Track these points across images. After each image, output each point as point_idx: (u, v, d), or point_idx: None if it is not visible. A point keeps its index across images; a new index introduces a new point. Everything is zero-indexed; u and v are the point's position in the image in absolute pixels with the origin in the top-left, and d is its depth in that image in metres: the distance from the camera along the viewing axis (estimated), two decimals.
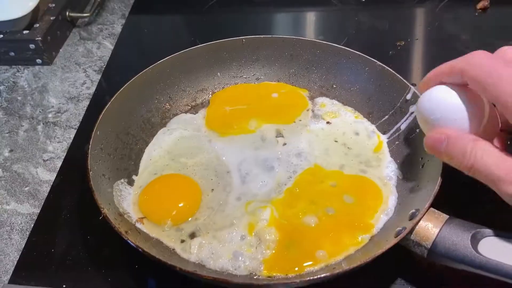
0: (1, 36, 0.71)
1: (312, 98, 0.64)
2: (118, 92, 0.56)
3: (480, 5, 0.81)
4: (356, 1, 0.88)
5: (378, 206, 0.49)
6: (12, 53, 0.72)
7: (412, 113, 0.55)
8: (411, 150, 0.53)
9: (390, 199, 0.50)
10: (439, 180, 0.44)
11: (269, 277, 0.44)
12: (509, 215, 0.45)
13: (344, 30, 0.80)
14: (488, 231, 0.40)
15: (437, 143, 0.41)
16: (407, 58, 0.74)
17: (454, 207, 0.48)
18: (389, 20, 0.81)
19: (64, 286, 0.44)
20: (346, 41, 0.76)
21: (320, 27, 0.84)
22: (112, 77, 0.71)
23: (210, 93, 0.65)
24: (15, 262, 0.47)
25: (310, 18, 0.88)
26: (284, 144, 0.57)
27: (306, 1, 0.89)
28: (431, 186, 0.45)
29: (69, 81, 0.71)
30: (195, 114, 0.63)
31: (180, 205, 0.50)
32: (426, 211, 0.42)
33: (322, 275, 0.40)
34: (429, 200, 0.43)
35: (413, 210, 0.44)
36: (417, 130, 0.53)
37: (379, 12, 0.84)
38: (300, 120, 0.60)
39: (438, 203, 0.43)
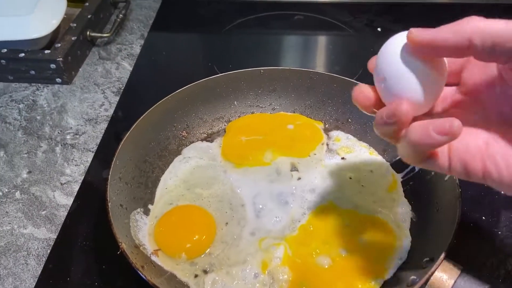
0: (23, 54, 0.72)
1: (327, 131, 0.65)
2: (138, 120, 0.57)
3: None
4: (372, 30, 0.89)
5: (392, 249, 0.49)
6: (32, 72, 0.74)
7: None
8: (426, 192, 0.54)
9: (404, 242, 0.50)
10: (455, 227, 0.45)
11: None
12: None
13: (359, 60, 0.81)
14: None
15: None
16: None
17: (468, 257, 0.48)
18: None
19: None
20: (361, 72, 0.77)
21: (336, 56, 0.85)
22: (130, 100, 0.72)
23: (227, 121, 0.66)
24: None
25: (326, 44, 0.89)
26: (299, 178, 0.58)
27: (322, 26, 0.91)
28: (447, 234, 0.45)
29: (88, 102, 0.72)
30: (211, 142, 0.63)
31: (195, 238, 0.50)
32: (441, 262, 0.42)
33: None
34: (444, 250, 0.43)
35: (427, 258, 0.45)
36: (432, 173, 0.54)
37: None
38: (315, 154, 0.61)
39: (451, 250, 0.44)
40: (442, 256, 0.43)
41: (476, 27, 0.30)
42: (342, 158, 0.60)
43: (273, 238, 0.51)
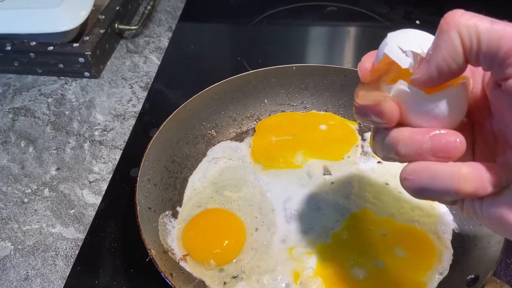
0: (51, 48, 0.72)
1: (361, 132, 0.62)
2: (167, 120, 0.55)
3: None
4: (410, 23, 0.84)
5: (432, 263, 0.46)
6: (61, 65, 0.73)
7: None
8: None
9: (445, 256, 0.47)
10: (502, 244, 0.42)
11: None
12: None
13: None
14: None
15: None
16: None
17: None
18: None
19: None
20: None
21: (370, 50, 0.80)
22: (158, 96, 0.71)
23: (256, 120, 0.64)
24: None
25: (361, 38, 0.85)
26: (332, 182, 0.55)
27: (356, 18, 0.86)
28: (493, 249, 0.42)
29: (116, 97, 0.71)
30: (240, 142, 0.61)
31: (225, 244, 0.49)
32: (488, 281, 0.39)
33: None
34: (492, 268, 0.40)
35: (472, 276, 0.42)
36: None
37: None
38: (349, 157, 0.58)
39: (498, 269, 0.41)
40: (490, 274, 0.40)
41: (466, 28, 0.27)
42: (378, 162, 0.57)
43: (304, 246, 0.49)
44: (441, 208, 0.52)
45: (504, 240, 0.42)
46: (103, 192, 0.57)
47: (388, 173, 0.56)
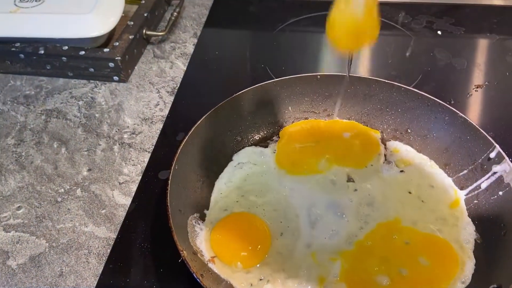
0: (83, 52, 0.74)
1: (384, 141, 0.63)
2: (195, 125, 0.57)
3: None
4: (432, 33, 0.85)
5: (455, 272, 0.47)
6: (91, 69, 0.76)
7: (495, 172, 0.52)
8: (491, 213, 0.51)
9: (468, 265, 0.48)
10: None
11: None
12: None
13: (418, 65, 0.78)
14: None
15: None
16: (485, 103, 0.71)
17: None
18: (467, 59, 0.78)
19: None
20: (420, 78, 0.74)
21: (393, 60, 0.81)
22: (184, 101, 0.73)
23: (281, 126, 0.66)
24: None
25: (383, 47, 0.86)
26: (355, 190, 0.57)
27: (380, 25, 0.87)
28: None
29: (143, 101, 0.73)
30: (265, 148, 0.63)
31: (251, 248, 0.50)
32: None
33: None
34: None
35: (495, 286, 0.43)
36: (500, 193, 0.51)
37: (456, 49, 0.80)
38: (372, 165, 0.59)
39: None
40: None
41: None
42: (401, 171, 0.58)
43: (329, 252, 0.50)
44: (464, 218, 0.53)
45: None
46: (133, 194, 0.59)
47: (411, 182, 0.57)
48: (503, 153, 0.52)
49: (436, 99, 0.59)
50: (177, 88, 0.75)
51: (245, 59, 0.84)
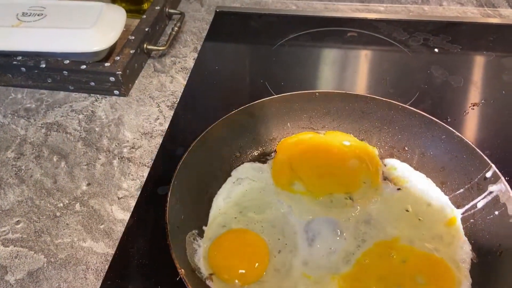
0: (84, 66, 0.75)
1: (381, 158, 0.64)
2: (195, 141, 0.57)
3: None
4: (428, 50, 0.86)
5: None
6: (92, 83, 0.76)
7: (491, 192, 0.53)
8: (487, 233, 0.52)
9: (464, 285, 0.48)
10: None
11: None
12: None
13: (415, 83, 0.79)
14: None
15: None
16: (482, 121, 0.72)
17: None
18: (463, 77, 0.79)
19: None
20: (417, 96, 0.75)
21: (391, 77, 0.82)
22: (184, 115, 0.73)
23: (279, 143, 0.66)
24: None
25: (381, 63, 0.87)
26: (353, 207, 0.57)
27: (376, 44, 0.89)
28: (511, 280, 0.43)
29: (143, 115, 0.73)
30: (264, 163, 0.63)
31: (249, 265, 0.51)
32: None
33: None
34: None
35: None
36: (496, 212, 0.52)
37: (453, 67, 0.82)
38: (370, 183, 0.60)
39: None
40: None
41: None
42: (398, 189, 0.59)
43: (326, 270, 0.50)
44: (461, 237, 0.53)
45: None
46: (132, 209, 0.59)
47: (408, 200, 0.57)
48: (499, 173, 0.52)
49: (432, 117, 0.60)
50: (177, 102, 0.76)
51: (244, 74, 0.85)
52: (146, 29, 0.83)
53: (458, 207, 0.56)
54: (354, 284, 0.49)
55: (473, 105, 0.73)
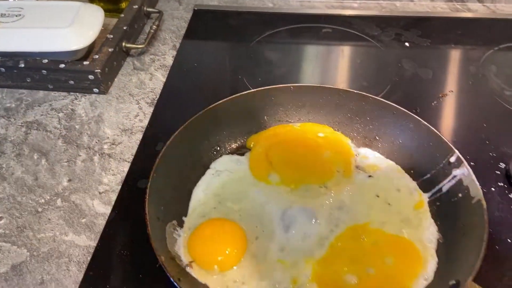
0: (63, 65, 0.76)
1: (354, 147, 0.66)
2: (173, 135, 0.59)
3: None
4: (400, 45, 0.89)
5: (418, 270, 0.50)
6: (71, 82, 0.77)
7: (455, 176, 0.56)
8: (452, 214, 0.55)
9: (430, 264, 0.51)
10: (482, 253, 0.46)
11: None
12: None
13: (387, 76, 0.82)
14: None
15: None
16: (449, 111, 0.75)
17: (491, 279, 0.49)
18: (432, 69, 0.82)
19: None
20: (389, 88, 0.78)
21: (364, 71, 0.85)
22: (163, 111, 0.75)
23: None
24: None
25: (354, 58, 0.90)
26: (327, 195, 0.59)
27: (350, 40, 0.92)
28: (473, 257, 0.46)
29: (123, 112, 0.75)
30: (241, 156, 0.66)
31: (227, 251, 0.53)
32: (467, 286, 0.44)
33: None
34: (471, 275, 0.44)
35: (454, 282, 0.46)
36: (460, 195, 0.55)
37: (423, 60, 0.85)
38: (343, 171, 0.62)
39: (477, 274, 0.45)
40: (469, 280, 0.44)
41: None
42: (370, 176, 0.62)
43: (301, 254, 0.53)
44: (428, 219, 0.56)
45: (484, 249, 0.46)
46: (113, 202, 0.61)
47: (378, 186, 0.60)
48: (462, 158, 0.55)
49: (401, 108, 0.63)
50: (156, 99, 0.77)
51: (223, 70, 0.87)
52: (125, 28, 0.84)
53: (425, 191, 0.59)
54: (327, 266, 0.51)
55: (441, 96, 0.77)
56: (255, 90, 0.67)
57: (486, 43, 0.88)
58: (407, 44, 0.89)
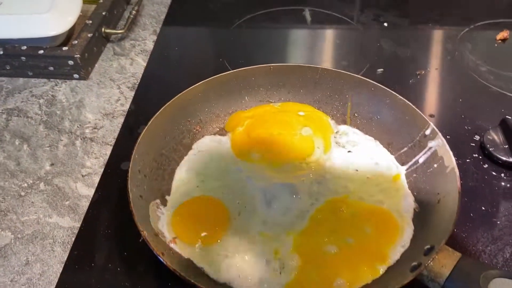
0: (42, 51, 0.76)
1: (334, 125, 0.67)
2: (154, 116, 0.60)
3: (499, 36, 0.84)
4: (379, 25, 0.91)
5: (395, 238, 0.52)
6: (51, 68, 0.77)
7: (430, 148, 0.58)
8: (428, 184, 0.56)
9: (407, 232, 0.53)
10: (455, 218, 0.47)
11: None
12: None
13: (366, 55, 0.83)
14: (498, 272, 0.43)
15: None
16: (427, 87, 0.77)
17: (466, 244, 0.51)
18: (410, 48, 0.84)
19: None
20: (368, 67, 0.79)
21: (343, 51, 0.87)
22: (145, 95, 0.75)
23: None
24: (59, 274, 0.51)
25: (334, 39, 0.91)
26: (307, 170, 0.61)
27: (330, 21, 0.93)
28: (447, 224, 0.48)
29: (104, 97, 0.75)
30: (223, 136, 0.66)
31: (210, 227, 0.54)
32: (441, 249, 0.45)
33: None
34: (445, 238, 0.46)
35: (429, 246, 0.47)
36: (435, 165, 0.56)
37: (401, 39, 0.86)
38: (323, 147, 0.64)
39: (451, 239, 0.46)
40: (442, 243, 0.45)
41: None
42: (349, 151, 0.63)
43: (282, 227, 0.54)
44: (405, 190, 0.58)
45: (456, 215, 0.48)
46: (96, 185, 0.61)
47: (358, 161, 0.61)
48: (436, 129, 0.57)
49: (377, 84, 0.64)
50: (137, 83, 0.77)
51: (204, 54, 0.87)
52: (104, 13, 0.84)
53: (402, 164, 0.60)
54: (308, 238, 0.52)
55: (419, 74, 0.78)
56: (235, 70, 0.68)
57: (462, 22, 0.90)
58: (385, 24, 0.90)
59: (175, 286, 0.50)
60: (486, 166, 0.62)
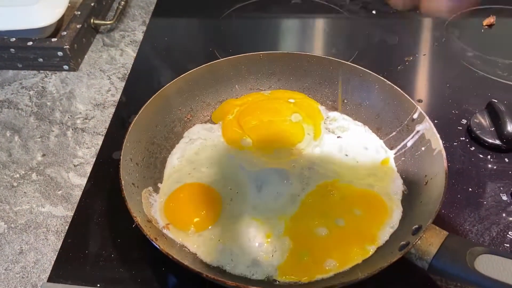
0: (31, 43, 0.75)
1: (324, 111, 0.68)
2: (145, 104, 0.60)
3: (486, 22, 0.85)
4: (367, 13, 0.91)
5: (384, 219, 0.53)
6: (40, 59, 0.77)
7: (418, 131, 0.59)
8: (416, 167, 0.57)
9: (396, 213, 0.54)
10: (441, 198, 0.49)
11: (283, 281, 0.48)
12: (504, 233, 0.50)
13: (355, 43, 0.84)
14: (484, 249, 0.44)
15: None
16: (415, 73, 0.78)
17: (454, 224, 0.52)
18: (398, 35, 0.85)
19: (98, 285, 0.49)
20: (357, 54, 0.80)
21: (332, 39, 0.87)
22: (135, 85, 0.75)
23: None
24: (53, 262, 0.52)
25: (323, 27, 0.91)
26: (298, 156, 0.61)
27: (319, 10, 0.93)
28: (434, 204, 0.49)
29: (95, 87, 0.75)
30: (214, 124, 0.67)
31: (202, 213, 0.54)
32: (429, 228, 0.46)
33: (332, 283, 0.45)
34: (432, 218, 0.47)
35: (416, 226, 0.49)
36: (423, 148, 0.57)
37: (389, 26, 0.87)
38: (313, 134, 0.64)
39: (440, 220, 0.48)
40: (429, 222, 0.47)
41: None
42: (338, 137, 0.64)
43: (274, 212, 0.55)
44: (394, 174, 0.59)
45: (443, 195, 0.49)
46: (88, 174, 0.61)
47: (347, 146, 0.62)
48: (424, 113, 0.58)
49: (366, 69, 0.65)
50: (128, 74, 0.78)
51: (193, 44, 0.87)
52: (92, 4, 0.84)
53: (391, 148, 0.61)
54: (298, 220, 0.53)
55: (407, 60, 0.79)
56: (225, 58, 0.68)
57: (450, 8, 0.91)
58: (374, 12, 0.91)
59: (169, 272, 0.51)
60: (473, 148, 0.64)
